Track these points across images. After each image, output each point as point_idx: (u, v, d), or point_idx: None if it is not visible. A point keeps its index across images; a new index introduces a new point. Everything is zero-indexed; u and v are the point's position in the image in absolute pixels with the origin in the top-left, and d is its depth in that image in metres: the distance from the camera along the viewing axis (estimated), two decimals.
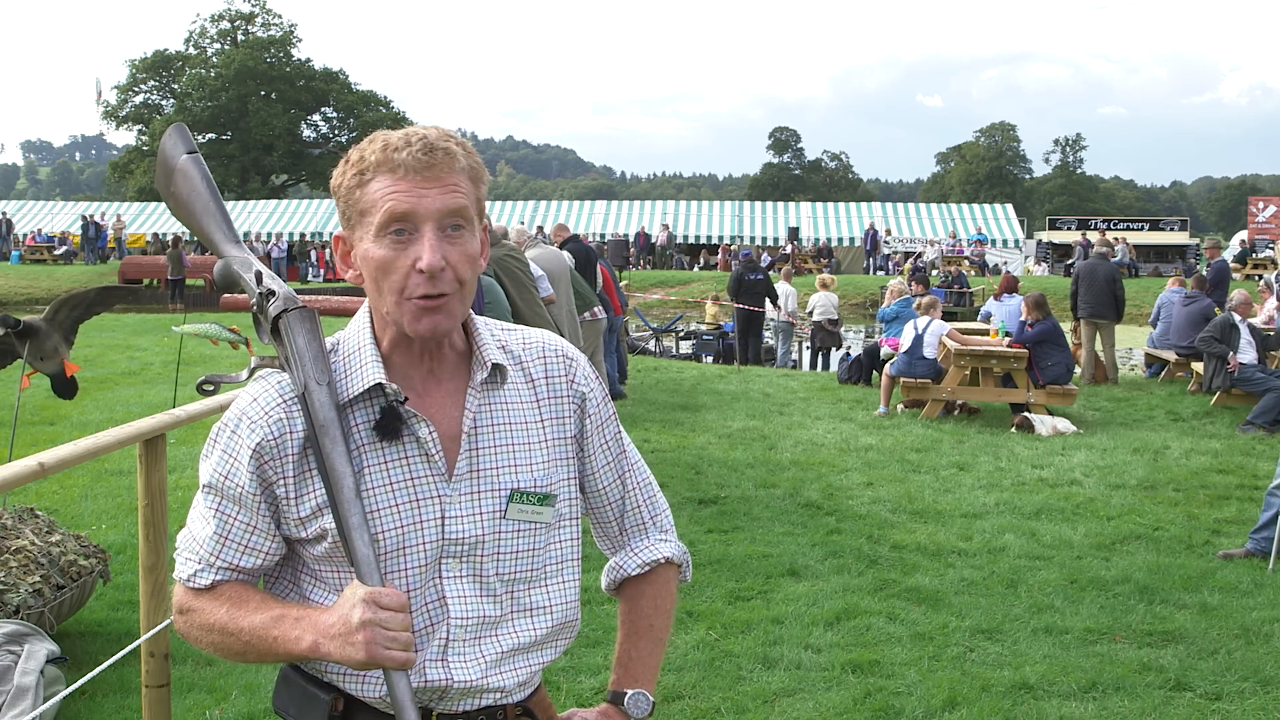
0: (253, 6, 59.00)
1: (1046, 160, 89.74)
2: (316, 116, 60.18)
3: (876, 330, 16.59)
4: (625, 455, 1.71)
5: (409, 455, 1.50)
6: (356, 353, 1.53)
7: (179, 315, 16.36)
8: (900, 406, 10.63)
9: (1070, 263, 28.77)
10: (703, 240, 39.58)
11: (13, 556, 4.07)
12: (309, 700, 1.54)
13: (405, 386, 1.51)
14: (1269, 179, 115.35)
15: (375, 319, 1.55)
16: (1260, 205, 38.07)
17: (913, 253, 34.17)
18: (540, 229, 33.54)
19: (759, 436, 9.08)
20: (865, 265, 35.40)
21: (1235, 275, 24.27)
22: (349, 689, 1.52)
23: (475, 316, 1.59)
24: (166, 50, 59.32)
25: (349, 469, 1.44)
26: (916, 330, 10.43)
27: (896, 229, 38.09)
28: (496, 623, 1.54)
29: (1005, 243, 37.12)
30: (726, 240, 38.78)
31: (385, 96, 60.77)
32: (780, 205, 44.16)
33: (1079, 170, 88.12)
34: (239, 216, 41.55)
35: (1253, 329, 10.69)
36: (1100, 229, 36.49)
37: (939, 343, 10.50)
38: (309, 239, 39.27)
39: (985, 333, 11.71)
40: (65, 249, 37.71)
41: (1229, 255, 29.68)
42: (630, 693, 1.67)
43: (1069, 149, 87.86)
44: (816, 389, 12.14)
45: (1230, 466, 8.16)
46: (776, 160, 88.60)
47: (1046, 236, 39.92)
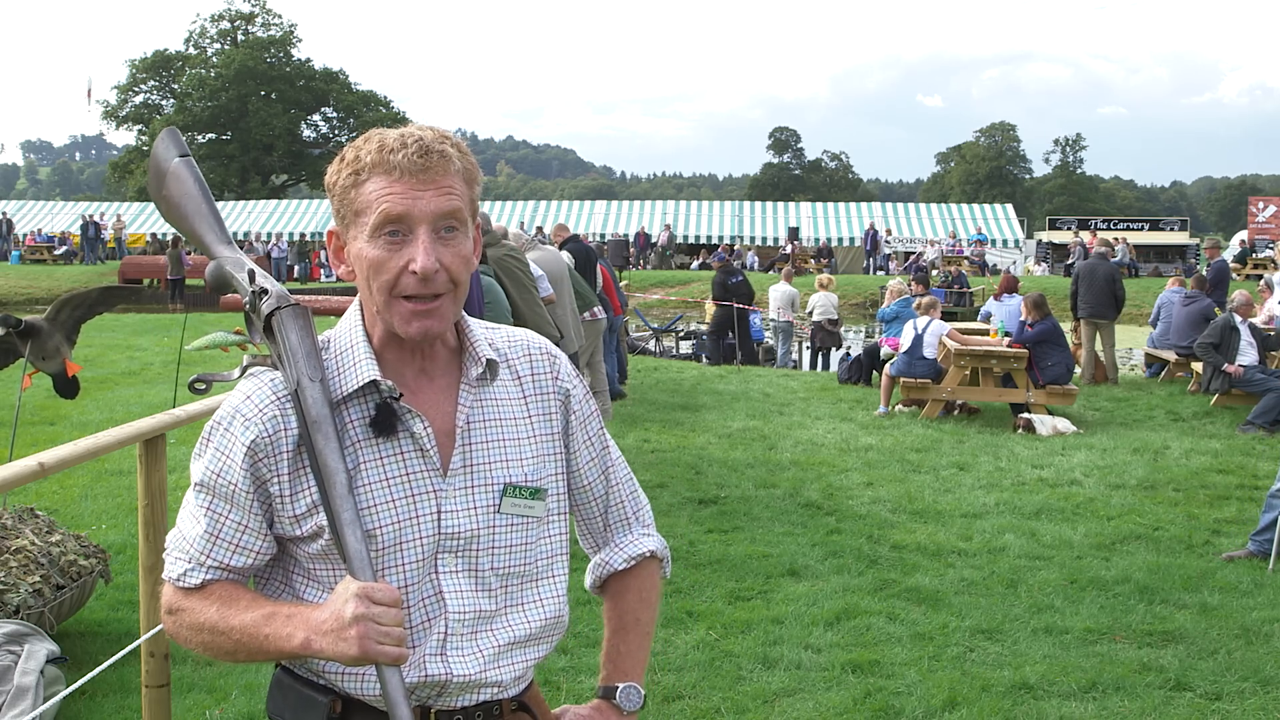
0: (253, 6, 59.04)
1: (1046, 160, 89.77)
2: (316, 116, 60.21)
3: (876, 330, 16.59)
4: (608, 451, 1.73)
5: (404, 451, 1.51)
6: (349, 350, 1.53)
7: (178, 315, 16.38)
8: (899, 406, 10.63)
9: (1070, 263, 28.77)
10: (703, 240, 39.58)
11: (13, 556, 4.07)
12: (306, 704, 1.54)
13: (397, 383, 1.52)
14: (1269, 179, 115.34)
15: (367, 316, 1.56)
16: (1260, 205, 38.06)
17: (913, 253, 34.18)
18: (540, 229, 33.56)
19: (759, 436, 9.08)
20: (865, 265, 35.41)
21: (1235, 275, 24.26)
22: (347, 688, 1.52)
23: (465, 315, 1.60)
24: (166, 50, 59.31)
25: (342, 465, 1.44)
26: (916, 330, 10.43)
27: (896, 229, 38.09)
28: (492, 617, 1.55)
29: (1005, 243, 37.13)
30: (727, 240, 38.80)
31: (385, 96, 60.85)
32: (780, 205, 44.16)
33: (1079, 170, 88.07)
34: (239, 216, 41.58)
35: (1253, 329, 10.69)
36: (1094, 229, 36.52)
37: (939, 343, 10.51)
38: (309, 239, 39.25)
39: (985, 333, 11.71)
40: (65, 249, 37.71)
41: (1229, 255, 29.68)
42: (621, 686, 1.68)
43: (1069, 149, 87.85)
44: (816, 389, 12.14)
45: (1230, 466, 8.16)
46: (776, 160, 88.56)
47: (1046, 236, 39.91)
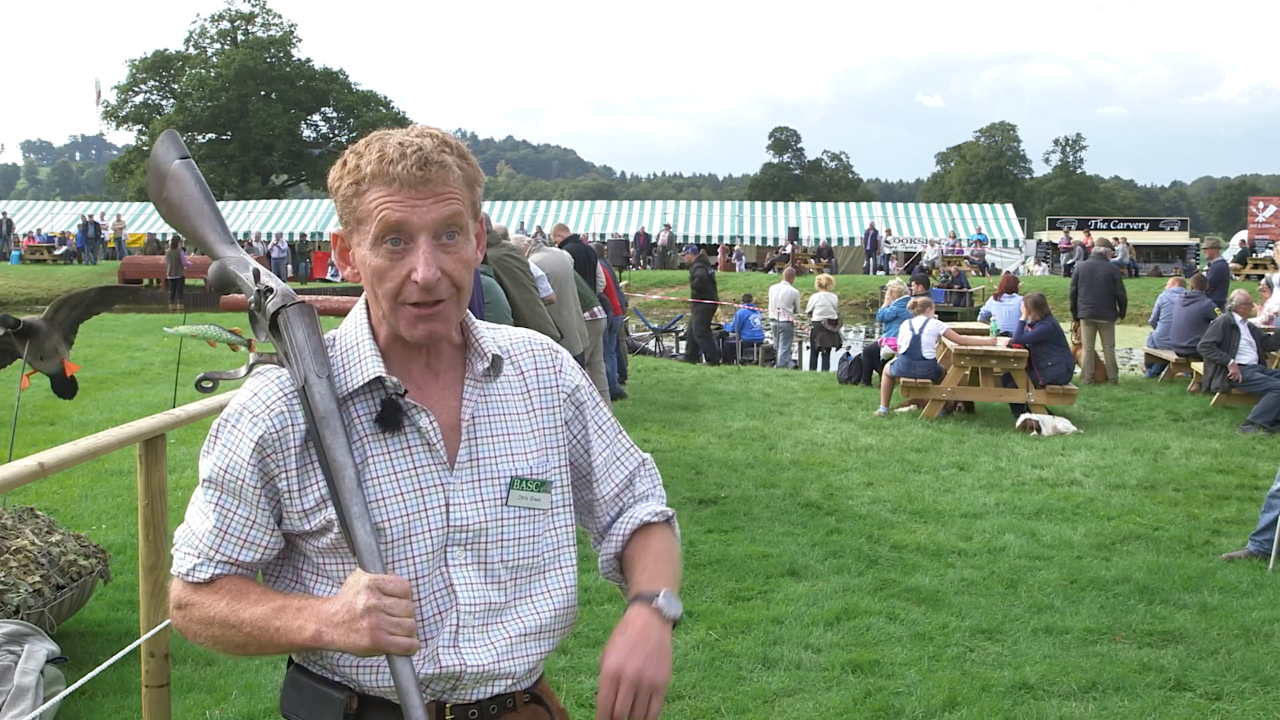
0: (253, 6, 59.02)
1: (1046, 160, 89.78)
2: (316, 116, 60.19)
3: (876, 330, 16.60)
4: (623, 436, 1.76)
5: (411, 446, 1.53)
6: (355, 347, 1.55)
7: (178, 315, 16.39)
8: (900, 409, 10.63)
9: (1070, 263, 28.78)
10: (703, 240, 39.57)
11: (13, 556, 4.07)
12: (321, 701, 1.55)
13: (404, 378, 1.55)
14: (1269, 179, 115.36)
15: (373, 314, 1.58)
16: (1260, 205, 38.05)
17: (913, 253, 34.18)
18: (540, 229, 33.55)
19: (759, 436, 9.08)
20: (865, 265, 35.41)
21: (1235, 276, 24.26)
22: (362, 681, 1.53)
23: (470, 314, 1.62)
24: (166, 50, 59.29)
25: (350, 459, 1.46)
26: (913, 331, 10.43)
27: (896, 229, 38.09)
28: (502, 609, 1.57)
29: (1005, 243, 37.12)
30: (727, 240, 38.80)
31: (385, 96, 60.84)
32: (780, 205, 44.15)
33: (1079, 170, 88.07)
34: (239, 216, 41.56)
35: (1253, 329, 10.69)
36: (1087, 229, 36.52)
37: (939, 343, 10.51)
38: (309, 239, 39.25)
39: (983, 332, 11.72)
40: (65, 249, 37.70)
41: (1229, 255, 29.68)
42: (664, 590, 1.56)
43: (1069, 149, 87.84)
44: (816, 389, 12.14)
45: (1230, 466, 8.16)
46: (776, 160, 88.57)
47: (1046, 236, 39.91)
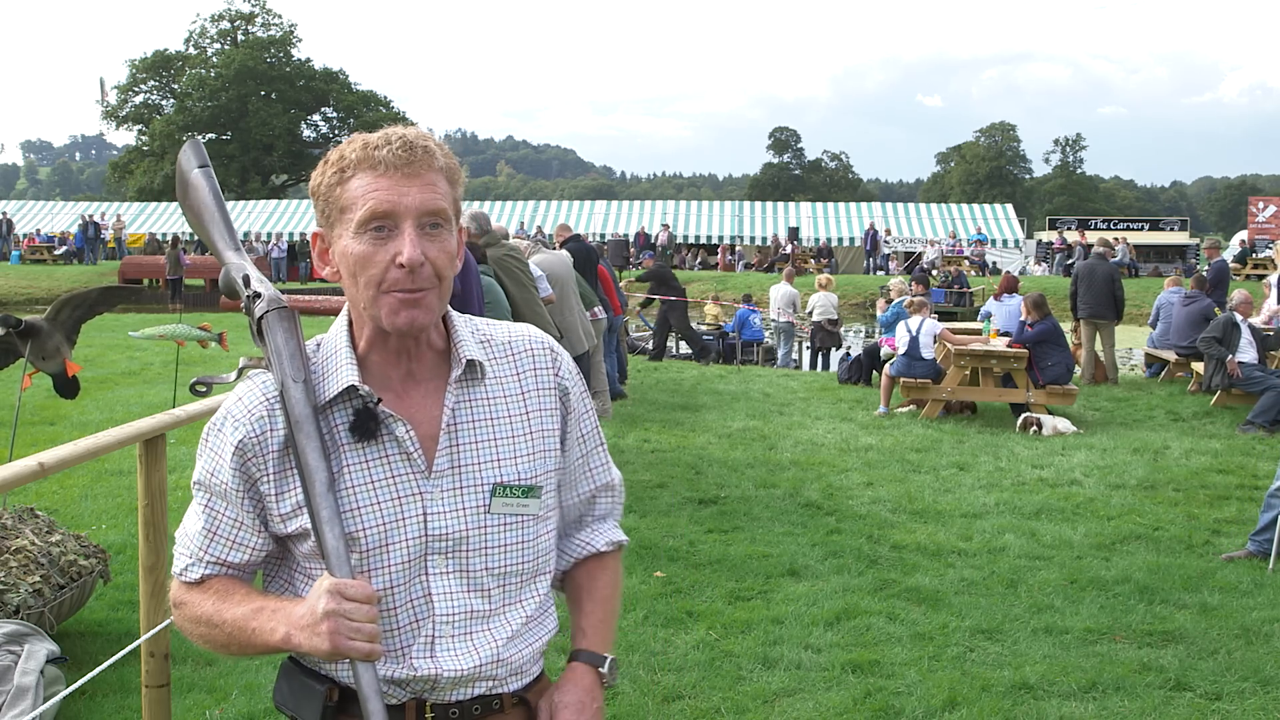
0: (253, 6, 59.06)
1: (1046, 160, 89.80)
2: (316, 116, 60.23)
3: (876, 330, 16.60)
4: (601, 450, 1.75)
5: (389, 454, 1.52)
6: (334, 355, 1.56)
7: (175, 315, 16.43)
8: (900, 409, 10.63)
9: (1070, 263, 28.79)
10: (703, 240, 39.58)
11: (13, 556, 4.07)
12: (305, 692, 1.57)
13: (383, 386, 1.54)
14: (1269, 179, 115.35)
15: (354, 318, 1.58)
16: (1260, 205, 38.02)
17: (913, 253, 34.18)
18: (540, 229, 33.55)
19: (759, 436, 9.08)
20: (865, 265, 35.40)
21: (1235, 276, 24.25)
22: (341, 678, 1.55)
23: (454, 314, 1.61)
24: (167, 50, 59.33)
25: (323, 464, 1.46)
26: (910, 331, 10.43)
27: (896, 229, 38.08)
28: (488, 617, 1.56)
29: (1005, 243, 37.11)
30: (727, 240, 38.79)
31: (385, 96, 60.89)
32: (780, 205, 44.13)
33: (1079, 170, 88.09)
34: (239, 216, 41.56)
35: (1253, 329, 10.70)
36: (1081, 229, 36.51)
37: (939, 343, 10.51)
38: (309, 239, 39.20)
39: (977, 332, 11.72)
40: (65, 249, 37.69)
41: (1229, 255, 29.66)
42: (609, 658, 1.67)
43: (1069, 149, 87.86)
44: (816, 389, 12.14)
45: (1230, 466, 8.16)
46: (776, 160, 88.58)
47: (1046, 236, 39.90)
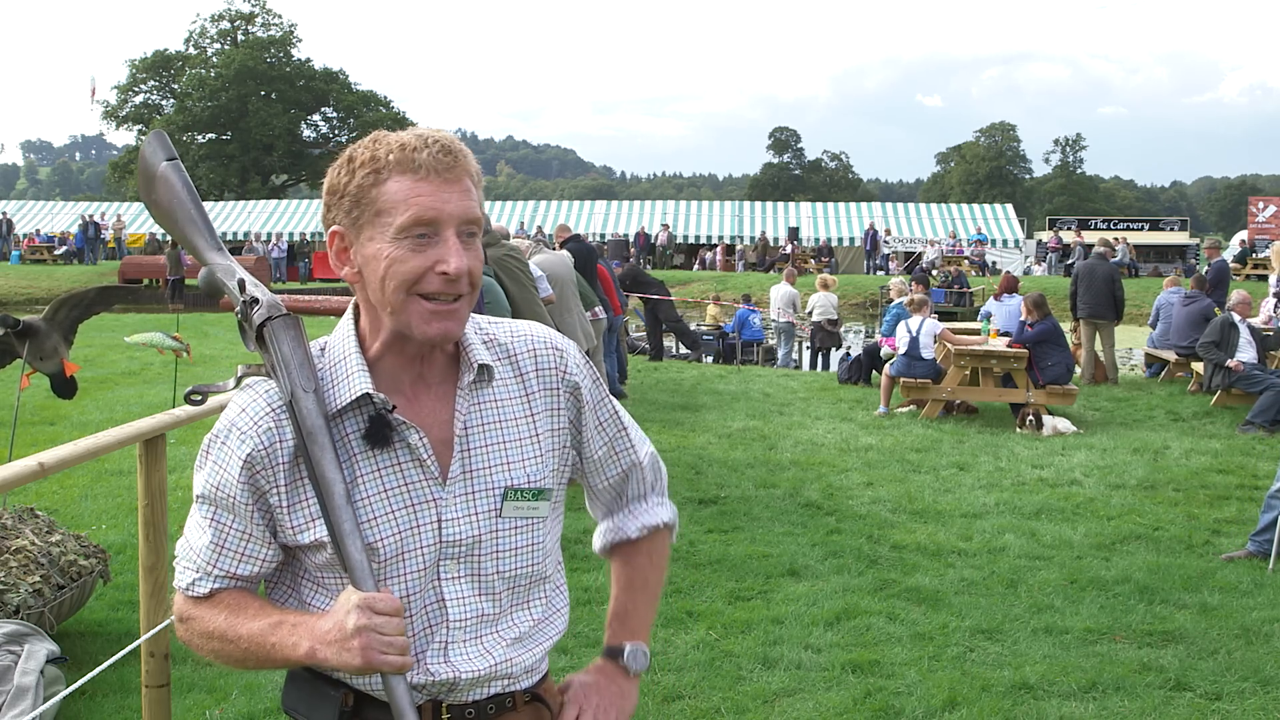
0: (253, 6, 59.00)
1: (1046, 160, 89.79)
2: (316, 116, 60.16)
3: (876, 330, 16.61)
4: (625, 433, 1.74)
5: (402, 462, 1.51)
6: (342, 362, 1.52)
7: (175, 316, 16.44)
8: (900, 409, 10.63)
9: (1070, 263, 28.78)
10: (703, 240, 39.59)
11: (13, 556, 4.07)
12: (319, 697, 1.56)
13: (394, 391, 1.52)
14: (1269, 179, 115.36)
15: (363, 323, 1.55)
16: (1260, 205, 38.01)
17: (913, 253, 34.18)
18: (540, 229, 33.53)
19: (759, 436, 9.07)
20: (865, 265, 35.41)
21: (1235, 276, 24.25)
22: (356, 685, 1.54)
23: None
24: (166, 50, 59.26)
25: (339, 475, 1.44)
26: (910, 331, 10.43)
27: (896, 229, 38.07)
28: (496, 619, 1.56)
29: (1005, 243, 37.11)
30: (726, 240, 38.79)
31: (385, 96, 60.81)
32: (780, 205, 44.12)
33: (1079, 170, 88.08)
34: (239, 216, 41.57)
35: (1252, 329, 10.70)
36: (1075, 230, 36.49)
37: (939, 343, 10.51)
38: (309, 239, 39.24)
39: (976, 332, 11.72)
40: (65, 249, 37.69)
41: (1229, 255, 29.66)
42: (629, 646, 1.69)
43: (1069, 149, 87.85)
44: (816, 389, 12.14)
45: (1230, 466, 8.16)
46: (776, 160, 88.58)
47: (1045, 236, 39.89)
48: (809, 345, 16.72)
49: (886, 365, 11.04)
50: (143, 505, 3.04)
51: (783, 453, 8.45)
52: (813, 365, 16.58)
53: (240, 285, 1.58)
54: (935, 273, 26.70)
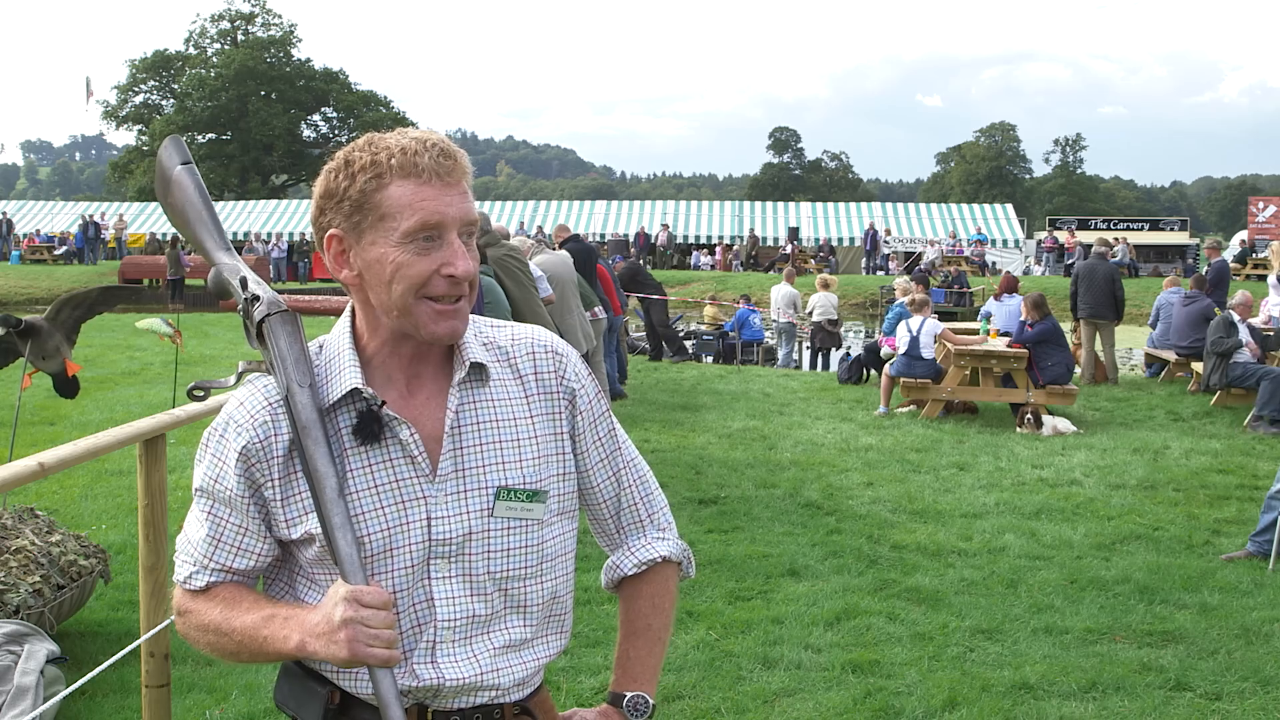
0: (253, 6, 59.03)
1: (1046, 160, 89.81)
2: (316, 116, 60.20)
3: (877, 330, 16.61)
4: (620, 452, 1.69)
5: (393, 458, 1.51)
6: (337, 358, 1.54)
7: (174, 315, 16.49)
8: (900, 409, 10.63)
9: (1070, 263, 28.79)
10: (703, 240, 39.60)
11: (13, 556, 4.07)
12: (307, 694, 1.57)
13: (388, 388, 1.53)
14: (1269, 179, 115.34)
15: (360, 322, 1.56)
16: (1260, 205, 38.04)
17: (913, 253, 34.18)
18: (540, 229, 33.54)
19: (759, 436, 9.08)
20: (865, 265, 35.41)
21: (1236, 276, 24.25)
22: (342, 684, 1.54)
23: None
24: (166, 50, 59.31)
25: (331, 469, 1.45)
26: (911, 331, 10.43)
27: (896, 229, 38.07)
28: (487, 621, 1.54)
29: (1005, 243, 37.12)
30: (726, 240, 38.80)
31: (385, 96, 60.84)
32: (780, 205, 44.14)
33: (1079, 170, 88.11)
34: (239, 216, 41.57)
35: (1252, 329, 10.70)
36: (1071, 230, 36.51)
37: (939, 343, 10.51)
38: (309, 239, 39.24)
39: (975, 332, 11.72)
40: (65, 249, 37.69)
41: (1229, 255, 29.66)
42: (629, 695, 1.67)
43: (1069, 149, 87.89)
44: (816, 389, 12.14)
45: (1230, 466, 8.16)
46: (776, 160, 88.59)
47: (1043, 236, 39.90)
48: (809, 345, 16.73)
49: (886, 365, 11.05)
50: (143, 505, 3.04)
51: (783, 453, 8.45)
52: (813, 365, 16.58)
53: (243, 283, 1.60)
54: (935, 273, 26.70)
